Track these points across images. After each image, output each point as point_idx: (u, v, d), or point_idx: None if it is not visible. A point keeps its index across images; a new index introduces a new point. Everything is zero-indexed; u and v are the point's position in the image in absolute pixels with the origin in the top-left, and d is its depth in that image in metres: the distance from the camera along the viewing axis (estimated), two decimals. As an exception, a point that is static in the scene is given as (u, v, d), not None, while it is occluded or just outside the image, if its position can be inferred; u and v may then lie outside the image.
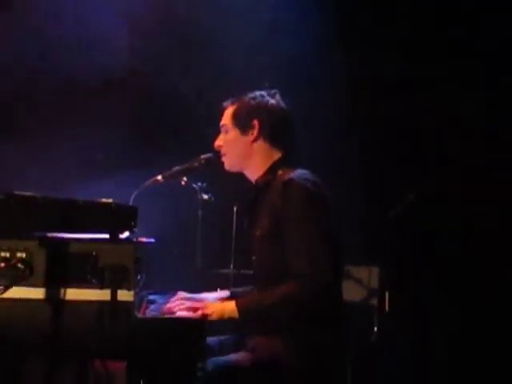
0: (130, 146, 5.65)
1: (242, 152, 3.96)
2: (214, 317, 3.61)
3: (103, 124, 5.79)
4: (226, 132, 3.99)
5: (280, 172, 3.83)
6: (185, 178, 4.57)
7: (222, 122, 4.02)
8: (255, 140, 3.91)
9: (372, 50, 6.03)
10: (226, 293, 4.12)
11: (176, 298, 3.88)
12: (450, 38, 6.06)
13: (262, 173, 3.92)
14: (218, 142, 4.02)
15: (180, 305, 3.71)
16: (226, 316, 3.63)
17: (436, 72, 6.02)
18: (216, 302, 3.82)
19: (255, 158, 3.94)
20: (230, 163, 4.01)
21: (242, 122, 3.93)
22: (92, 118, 5.83)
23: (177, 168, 4.36)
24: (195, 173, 4.50)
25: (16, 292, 3.20)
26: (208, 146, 4.14)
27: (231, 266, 5.34)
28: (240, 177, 4.07)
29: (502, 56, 6.00)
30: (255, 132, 3.90)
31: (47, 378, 3.56)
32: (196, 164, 4.31)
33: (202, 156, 4.27)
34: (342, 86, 5.85)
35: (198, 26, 6.01)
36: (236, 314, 3.62)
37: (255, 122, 3.90)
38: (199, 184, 4.87)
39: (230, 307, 3.65)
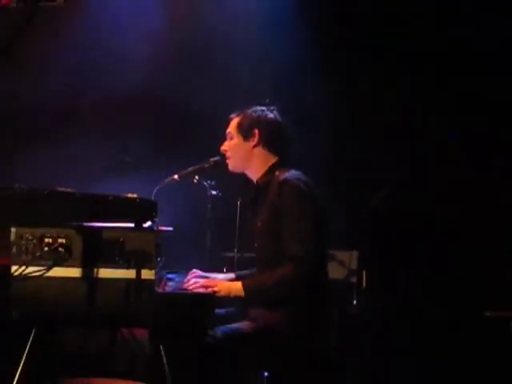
0: (152, 151, 5.64)
1: (243, 156, 3.98)
2: (222, 294, 3.65)
3: (131, 132, 5.80)
4: (231, 138, 4.01)
5: (277, 173, 3.86)
6: (197, 177, 4.60)
7: (228, 130, 4.05)
8: (255, 146, 3.95)
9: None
10: (231, 275, 4.15)
11: (191, 273, 3.93)
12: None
13: (261, 174, 3.95)
14: (224, 147, 4.05)
15: (195, 283, 3.73)
16: (233, 294, 3.67)
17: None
18: (225, 282, 3.83)
19: (255, 161, 3.97)
20: (233, 165, 4.04)
21: (244, 130, 3.96)
22: (122, 127, 5.84)
23: (190, 169, 4.37)
24: (205, 173, 4.51)
25: (57, 271, 3.22)
26: (215, 150, 4.17)
27: (235, 250, 5.36)
28: (242, 177, 4.09)
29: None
30: (255, 139, 3.94)
31: (84, 343, 3.61)
32: (206, 165, 4.32)
33: (211, 159, 4.27)
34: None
35: (208, 51, 6.00)
36: (242, 293, 3.65)
37: (256, 131, 3.93)
38: (209, 182, 4.90)
39: (237, 287, 3.68)
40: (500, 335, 4.85)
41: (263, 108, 4.02)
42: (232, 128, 4.03)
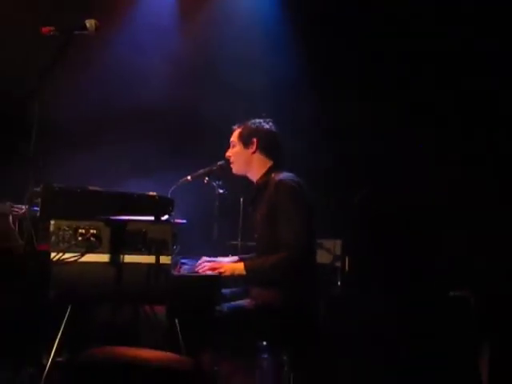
0: (168, 156, 5.64)
1: (244, 161, 4.02)
2: (227, 274, 3.69)
3: (151, 140, 5.82)
4: (234, 146, 4.05)
5: (273, 175, 3.89)
6: (206, 178, 4.59)
7: (231, 139, 4.08)
8: (254, 152, 3.98)
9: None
10: (235, 258, 4.17)
11: (201, 260, 3.94)
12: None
13: (260, 175, 3.99)
14: (228, 154, 4.08)
15: (204, 266, 3.76)
16: (236, 273, 3.71)
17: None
18: (229, 263, 3.86)
19: (254, 165, 4.00)
20: (236, 169, 4.08)
21: (244, 139, 4.00)
22: (144, 136, 5.85)
23: (201, 171, 4.37)
24: (213, 174, 4.51)
25: (89, 257, 3.25)
26: (222, 155, 4.18)
27: (239, 239, 5.37)
28: (244, 178, 4.11)
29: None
30: (254, 147, 3.97)
31: (112, 317, 3.62)
32: (214, 168, 4.32)
33: (218, 163, 4.28)
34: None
35: (216, 69, 6.00)
36: (243, 273, 3.70)
37: (254, 140, 3.97)
38: (216, 182, 4.89)
39: (240, 267, 3.73)
40: (462, 312, 4.84)
41: (260, 120, 4.05)
42: (234, 137, 4.07)
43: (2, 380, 3.90)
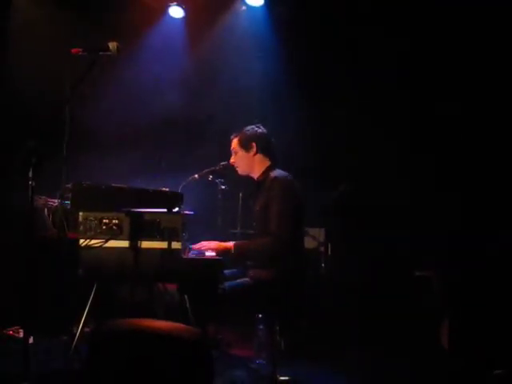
0: (178, 158, 5.63)
1: (247, 163, 3.97)
2: (220, 250, 3.68)
3: (164, 145, 5.83)
4: (236, 153, 4.00)
5: (271, 173, 3.86)
6: (211, 176, 4.59)
7: (232, 148, 4.02)
8: (255, 154, 3.94)
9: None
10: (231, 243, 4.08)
11: (200, 244, 3.87)
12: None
13: (260, 173, 3.95)
14: (232, 161, 4.04)
15: (202, 247, 3.75)
16: (223, 247, 3.71)
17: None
18: (218, 242, 3.80)
19: (256, 165, 3.96)
20: (241, 171, 4.02)
21: (244, 145, 3.95)
22: (158, 141, 5.87)
23: (206, 170, 4.37)
24: (217, 173, 4.50)
25: (112, 243, 3.27)
26: (224, 157, 4.17)
27: (238, 228, 5.37)
28: (244, 177, 4.09)
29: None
30: (254, 150, 3.93)
31: (131, 295, 3.62)
32: (217, 168, 4.31)
33: (221, 163, 4.28)
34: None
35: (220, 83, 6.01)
36: (232, 249, 3.69)
37: (253, 144, 3.93)
38: (219, 180, 4.90)
39: (229, 245, 3.72)
40: (425, 290, 4.85)
41: (253, 126, 4.01)
42: (234, 145, 4.01)
43: (41, 345, 3.91)
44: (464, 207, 5.08)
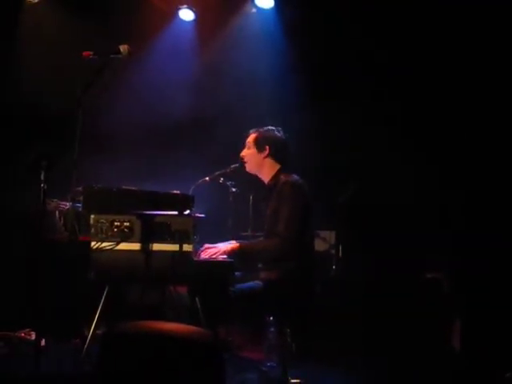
0: (189, 160, 5.62)
1: (256, 163, 3.97)
2: (227, 252, 3.63)
3: (175, 147, 5.84)
4: (249, 148, 4.00)
5: (281, 177, 3.85)
6: (222, 179, 4.60)
7: (247, 141, 4.02)
8: (265, 157, 3.94)
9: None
10: (232, 242, 3.98)
11: (203, 247, 3.81)
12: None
13: (270, 177, 3.94)
14: (242, 154, 4.03)
15: (210, 253, 3.66)
16: (230, 250, 3.65)
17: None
18: (223, 245, 3.73)
19: (265, 168, 3.96)
20: (249, 168, 4.02)
21: (259, 145, 3.95)
22: (169, 144, 5.88)
23: (217, 173, 4.35)
24: (227, 176, 4.50)
25: (123, 246, 3.27)
26: (234, 160, 4.17)
27: (249, 230, 5.35)
28: (254, 179, 4.09)
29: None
30: (266, 152, 3.93)
31: (142, 297, 3.63)
32: (228, 170, 4.30)
33: (232, 166, 4.27)
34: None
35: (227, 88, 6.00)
36: (237, 250, 3.66)
37: (267, 147, 3.93)
38: (230, 182, 4.89)
39: (235, 246, 3.69)
40: (436, 292, 4.84)
41: (273, 128, 4.00)
42: (251, 140, 4.00)
43: (52, 348, 3.93)
44: (473, 206, 5.06)
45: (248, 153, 4.01)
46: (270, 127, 4.03)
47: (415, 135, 5.54)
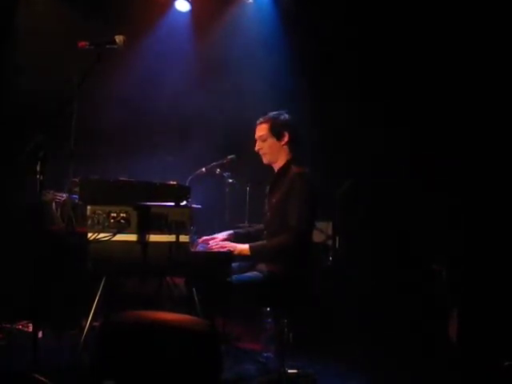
0: (186, 152, 5.62)
1: (276, 151, 3.80)
2: (236, 253, 3.58)
3: (172, 139, 5.85)
4: (265, 140, 3.80)
5: (293, 167, 3.75)
6: (218, 170, 4.61)
7: (260, 134, 3.82)
8: (284, 144, 3.78)
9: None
10: (230, 232, 3.99)
11: (200, 239, 3.82)
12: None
13: (281, 165, 3.81)
14: (258, 147, 3.84)
15: (217, 245, 3.66)
16: (243, 253, 3.59)
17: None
18: (237, 244, 3.66)
19: (281, 155, 3.81)
20: (268, 160, 3.85)
21: (276, 132, 3.77)
22: (166, 137, 5.90)
23: (213, 164, 4.38)
24: (224, 167, 4.52)
25: (120, 237, 3.26)
26: (230, 151, 4.17)
27: (245, 221, 5.37)
28: (250, 169, 4.08)
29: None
30: (285, 139, 3.77)
31: (139, 287, 3.64)
32: (224, 161, 4.33)
33: (228, 157, 4.29)
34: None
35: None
36: (248, 253, 3.59)
37: (286, 133, 3.77)
38: (227, 173, 4.91)
39: (246, 249, 3.60)
40: (435, 283, 4.86)
41: (282, 112, 3.84)
42: (264, 131, 3.81)
43: (51, 339, 3.95)
44: (471, 197, 5.08)
45: (264, 145, 3.82)
46: (277, 112, 3.85)
47: (412, 129, 5.55)
